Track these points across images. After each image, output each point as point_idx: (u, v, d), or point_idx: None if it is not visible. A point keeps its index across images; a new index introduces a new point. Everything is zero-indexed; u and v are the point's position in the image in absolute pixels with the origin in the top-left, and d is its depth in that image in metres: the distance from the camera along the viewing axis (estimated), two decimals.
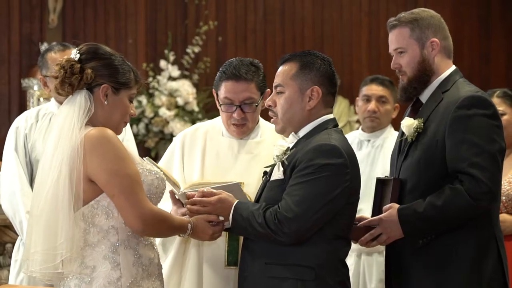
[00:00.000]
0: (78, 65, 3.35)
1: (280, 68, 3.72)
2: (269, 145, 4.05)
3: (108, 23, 10.48)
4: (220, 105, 4.10)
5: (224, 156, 4.11)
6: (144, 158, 3.76)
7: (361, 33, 11.00)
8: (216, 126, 4.22)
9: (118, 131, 3.45)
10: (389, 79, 5.71)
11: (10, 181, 4.76)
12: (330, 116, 3.70)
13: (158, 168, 3.72)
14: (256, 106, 4.09)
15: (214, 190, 3.64)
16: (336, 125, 3.70)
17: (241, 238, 3.86)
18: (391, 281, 3.92)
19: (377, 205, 3.91)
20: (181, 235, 3.57)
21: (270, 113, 3.74)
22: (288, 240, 3.47)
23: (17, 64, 10.07)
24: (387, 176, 4.00)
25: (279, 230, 3.45)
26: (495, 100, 4.77)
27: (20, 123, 4.90)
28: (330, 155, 3.50)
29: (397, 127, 5.43)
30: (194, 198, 3.63)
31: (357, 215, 3.90)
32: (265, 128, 4.22)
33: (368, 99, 5.70)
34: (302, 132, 3.67)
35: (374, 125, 5.69)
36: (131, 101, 3.47)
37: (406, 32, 3.87)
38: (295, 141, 3.67)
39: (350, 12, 10.99)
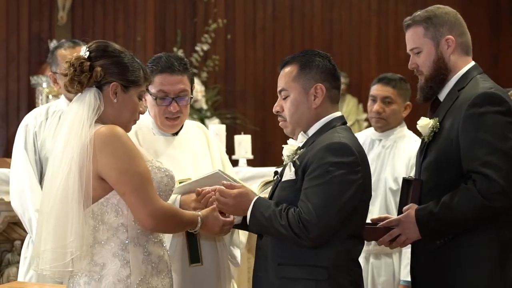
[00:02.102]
0: (88, 63, 3.34)
1: (281, 72, 3.71)
2: (196, 140, 4.16)
3: (117, 21, 10.50)
4: (155, 99, 4.05)
5: (163, 154, 4.07)
6: (217, 170, 3.79)
7: (370, 32, 11.00)
8: (143, 126, 4.14)
9: (127, 129, 3.44)
10: (400, 77, 5.67)
11: (19, 179, 4.76)
12: (338, 113, 3.69)
13: (230, 178, 3.76)
14: (191, 99, 4.12)
15: (236, 184, 3.65)
16: (345, 123, 3.70)
17: (201, 235, 3.90)
18: (415, 280, 3.90)
19: (402, 205, 3.88)
20: (190, 230, 3.57)
21: (279, 118, 3.73)
22: (313, 244, 3.46)
23: (26, 62, 10.09)
24: (411, 177, 3.99)
25: (304, 235, 3.43)
26: None
27: (30, 121, 4.88)
28: (340, 154, 3.49)
29: (410, 126, 5.43)
30: (216, 186, 3.64)
31: (374, 217, 3.89)
32: (187, 123, 4.24)
33: (374, 99, 5.68)
34: (311, 131, 3.66)
35: (380, 125, 5.67)
36: (140, 99, 3.46)
37: (420, 31, 3.84)
38: (305, 140, 3.66)
39: (359, 11, 10.99)
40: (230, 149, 7.36)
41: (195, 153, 4.14)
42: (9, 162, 5.57)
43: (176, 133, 4.17)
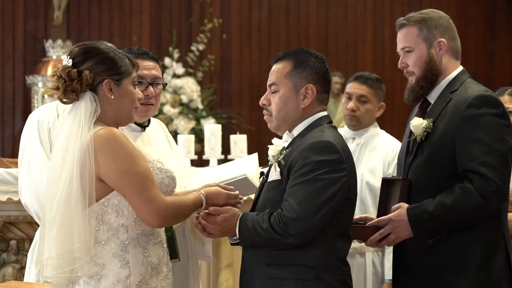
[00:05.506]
0: (75, 70, 3.33)
1: (274, 67, 3.71)
2: (159, 136, 4.19)
3: (113, 21, 10.50)
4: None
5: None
6: (245, 175, 3.77)
7: (365, 31, 11.01)
8: None
9: (131, 119, 3.47)
10: (377, 77, 5.64)
11: (40, 176, 4.56)
12: (324, 113, 3.70)
13: (254, 184, 3.76)
14: (164, 86, 4.13)
15: (220, 208, 3.60)
16: (330, 122, 3.70)
17: (177, 229, 3.91)
18: (398, 278, 3.92)
19: (383, 205, 3.92)
20: (198, 210, 3.55)
21: (264, 111, 3.73)
22: (296, 241, 3.45)
23: (22, 61, 10.08)
24: (394, 176, 4.01)
25: (285, 232, 3.43)
26: (506, 98, 4.75)
27: (42, 116, 4.65)
28: (325, 152, 3.50)
29: (383, 126, 5.43)
30: (202, 213, 3.63)
31: (361, 215, 3.91)
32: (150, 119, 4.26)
33: (349, 97, 5.61)
34: (297, 131, 3.66)
35: (353, 123, 5.59)
36: (134, 86, 3.46)
37: (414, 31, 3.89)
38: (290, 140, 3.67)
39: (354, 10, 10.99)
40: (225, 149, 7.35)
41: (161, 149, 4.14)
42: (5, 162, 5.53)
43: (144, 129, 4.16)
